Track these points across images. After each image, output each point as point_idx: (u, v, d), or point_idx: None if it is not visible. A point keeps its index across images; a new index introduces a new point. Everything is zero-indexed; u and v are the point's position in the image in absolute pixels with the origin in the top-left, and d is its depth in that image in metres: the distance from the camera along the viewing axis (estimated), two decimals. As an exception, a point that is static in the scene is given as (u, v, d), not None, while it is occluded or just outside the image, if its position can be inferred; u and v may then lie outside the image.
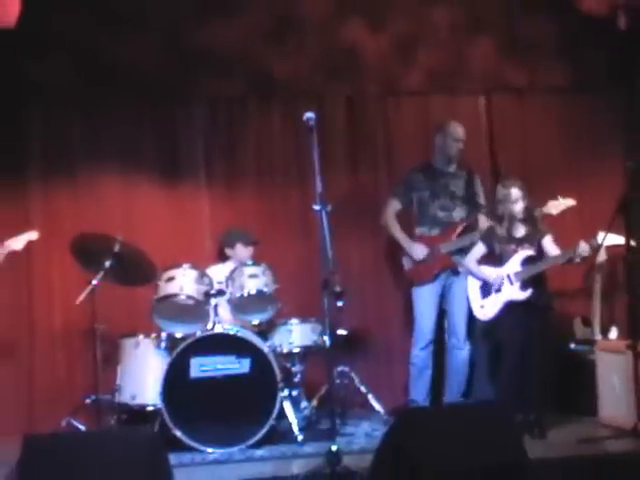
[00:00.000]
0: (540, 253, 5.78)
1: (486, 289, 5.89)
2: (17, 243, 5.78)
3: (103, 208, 6.76)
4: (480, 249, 5.94)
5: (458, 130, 6.41)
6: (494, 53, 7.11)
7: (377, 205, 6.85)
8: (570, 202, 5.94)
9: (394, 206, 6.51)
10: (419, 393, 6.35)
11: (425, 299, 6.36)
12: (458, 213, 6.38)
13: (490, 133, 7.15)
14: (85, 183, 6.78)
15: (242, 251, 6.37)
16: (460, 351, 6.36)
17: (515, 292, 5.73)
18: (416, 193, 6.44)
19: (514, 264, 5.76)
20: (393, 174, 6.99)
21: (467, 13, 7.08)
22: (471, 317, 6.15)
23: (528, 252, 5.75)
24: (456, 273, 6.28)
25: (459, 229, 6.34)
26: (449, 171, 6.45)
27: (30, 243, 5.94)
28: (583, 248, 5.53)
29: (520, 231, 5.82)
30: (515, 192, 5.75)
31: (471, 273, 6.00)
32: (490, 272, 5.85)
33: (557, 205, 5.92)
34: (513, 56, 7.11)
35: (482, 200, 6.44)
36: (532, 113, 7.18)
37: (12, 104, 6.66)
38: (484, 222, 6.25)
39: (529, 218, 5.80)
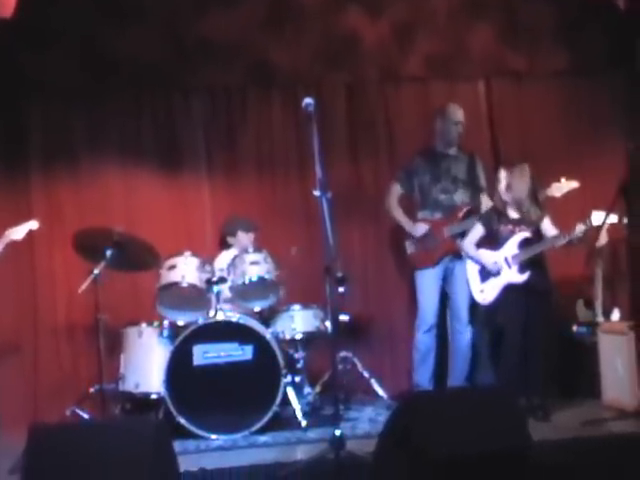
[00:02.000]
0: (537, 235, 5.78)
1: (485, 273, 5.90)
2: (17, 233, 5.79)
3: (104, 199, 6.77)
4: (478, 231, 5.94)
5: (457, 113, 6.40)
6: (493, 38, 7.09)
7: (378, 191, 6.87)
8: (573, 184, 5.94)
9: (396, 191, 6.52)
10: (423, 377, 6.36)
11: (427, 283, 6.36)
12: (460, 196, 6.38)
13: (490, 118, 7.14)
14: (86, 174, 6.80)
15: (243, 238, 6.38)
16: (462, 335, 6.36)
17: (513, 275, 5.74)
18: (417, 177, 6.44)
19: (511, 246, 5.76)
20: (394, 160, 6.99)
21: (465, -2, 7.06)
22: (473, 301, 6.16)
23: (525, 234, 5.76)
24: (458, 257, 6.27)
25: (463, 212, 6.35)
26: (450, 154, 6.45)
27: (33, 235, 5.96)
28: (580, 229, 5.54)
29: (517, 212, 5.83)
30: (525, 170, 5.75)
31: (469, 256, 6.00)
32: (488, 256, 5.85)
33: (560, 187, 5.92)
34: (512, 41, 7.09)
35: (484, 182, 6.43)
36: (532, 97, 7.17)
37: (12, 96, 6.67)
38: (487, 204, 6.25)
39: (533, 198, 5.80)
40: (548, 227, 5.79)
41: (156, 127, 6.92)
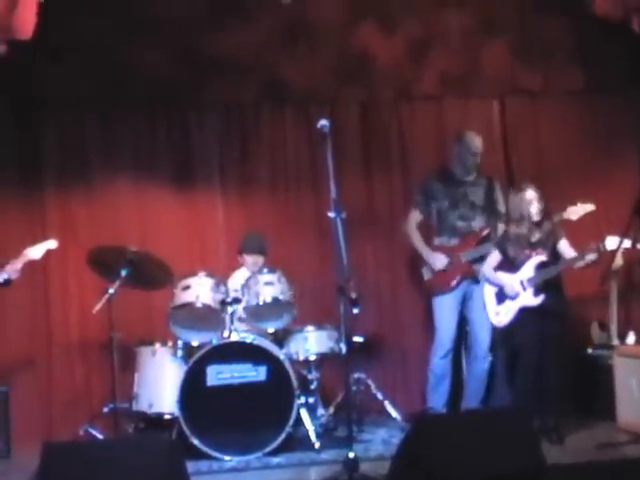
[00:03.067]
0: (554, 258, 5.76)
1: (501, 295, 5.88)
2: (36, 252, 5.81)
3: (119, 216, 6.79)
4: (496, 256, 5.93)
5: (475, 142, 6.33)
6: (508, 56, 7.06)
7: (392, 210, 6.87)
8: (589, 207, 5.88)
9: (415, 217, 6.46)
10: (438, 401, 6.31)
11: (445, 308, 6.31)
12: (478, 222, 6.33)
13: (504, 137, 7.11)
14: (100, 191, 6.81)
15: (248, 260, 6.34)
16: (482, 361, 6.31)
17: (528, 298, 5.72)
18: (435, 203, 6.39)
19: (528, 270, 5.75)
20: (408, 179, 6.99)
21: (480, 16, 7.03)
22: (493, 327, 6.12)
23: (541, 257, 5.74)
24: (476, 282, 6.22)
25: (480, 237, 6.31)
26: (468, 180, 6.39)
27: (47, 253, 5.97)
28: (594, 254, 5.53)
29: (535, 236, 5.81)
30: (530, 193, 5.75)
31: (489, 281, 5.98)
32: (507, 279, 5.83)
33: (576, 211, 5.85)
34: (527, 59, 7.06)
35: (502, 207, 6.34)
36: (546, 116, 7.15)
37: (27, 113, 6.70)
38: (502, 230, 6.19)
39: (545, 220, 5.79)
40: (566, 249, 5.77)
41: (170, 144, 6.94)
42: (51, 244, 5.89)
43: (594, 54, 7.06)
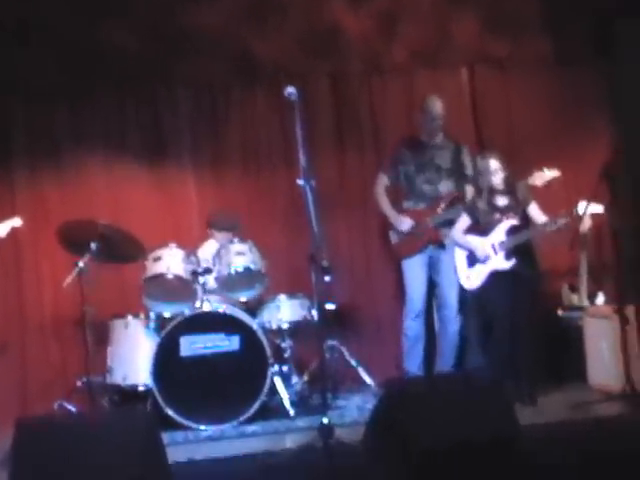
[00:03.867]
0: (525, 222, 5.80)
1: (472, 259, 5.92)
2: (0, 229, 5.77)
3: (89, 194, 6.76)
4: (465, 221, 5.98)
5: (436, 106, 6.37)
6: (477, 26, 7.07)
7: (364, 181, 6.88)
8: (555, 173, 5.95)
9: (383, 181, 6.53)
10: (413, 364, 6.38)
11: (413, 270, 6.38)
12: (444, 186, 6.39)
13: (474, 105, 7.14)
14: (70, 169, 6.78)
15: (216, 235, 6.37)
16: (451, 322, 6.37)
17: (499, 261, 5.77)
18: (402, 167, 6.45)
19: (499, 233, 5.79)
20: (379, 150, 6.99)
21: (449, -13, 7.07)
22: (462, 289, 6.18)
23: (512, 221, 5.79)
24: (443, 246, 6.29)
25: (446, 201, 6.36)
26: (435, 144, 6.45)
27: (17, 231, 5.94)
28: (566, 218, 5.57)
29: (502, 201, 5.85)
30: (493, 163, 5.80)
31: (458, 244, 6.02)
32: (477, 242, 5.87)
33: (542, 176, 5.94)
34: (496, 29, 7.07)
35: (470, 171, 6.39)
36: (515, 85, 7.17)
37: (-5, 93, 6.66)
38: (471, 193, 6.26)
39: (509, 188, 5.84)
40: (536, 213, 5.82)
41: (140, 121, 6.91)
42: (15, 222, 5.86)
43: (562, 24, 7.08)
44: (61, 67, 6.68)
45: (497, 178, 5.81)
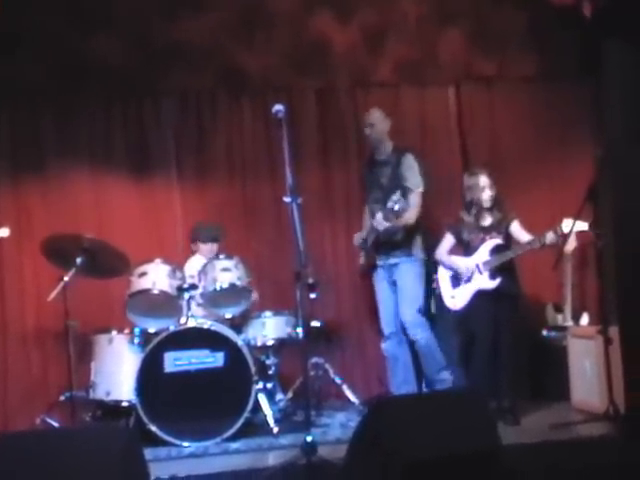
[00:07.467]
0: (508, 240, 5.83)
1: (457, 279, 5.93)
2: None
3: (74, 205, 6.73)
4: (449, 240, 6.00)
5: (369, 115, 6.34)
6: (463, 43, 7.12)
7: (349, 197, 6.91)
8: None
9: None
10: (392, 384, 6.32)
11: (379, 292, 6.36)
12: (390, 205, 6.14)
13: (460, 123, 7.17)
14: (55, 180, 6.75)
15: (202, 248, 6.37)
16: (418, 337, 6.16)
17: (484, 281, 5.78)
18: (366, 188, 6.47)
19: (483, 253, 5.81)
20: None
21: (435, 3, 7.09)
22: (423, 303, 6.15)
23: (496, 241, 5.81)
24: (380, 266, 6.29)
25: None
26: (381, 160, 6.34)
27: (1, 242, 5.89)
28: (550, 237, 5.56)
29: (487, 220, 5.88)
30: (483, 180, 5.82)
31: (443, 264, 6.03)
32: (461, 262, 5.89)
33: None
34: (482, 46, 7.12)
35: (412, 181, 6.14)
36: (501, 103, 7.22)
37: (-21, 103, 6.61)
38: (414, 200, 6.08)
39: (496, 206, 5.86)
40: (518, 232, 5.82)
41: (125, 132, 6.90)
42: (3, 232, 5.82)
43: (547, 41, 7.14)
44: (47, 78, 6.66)
45: (485, 195, 5.82)
